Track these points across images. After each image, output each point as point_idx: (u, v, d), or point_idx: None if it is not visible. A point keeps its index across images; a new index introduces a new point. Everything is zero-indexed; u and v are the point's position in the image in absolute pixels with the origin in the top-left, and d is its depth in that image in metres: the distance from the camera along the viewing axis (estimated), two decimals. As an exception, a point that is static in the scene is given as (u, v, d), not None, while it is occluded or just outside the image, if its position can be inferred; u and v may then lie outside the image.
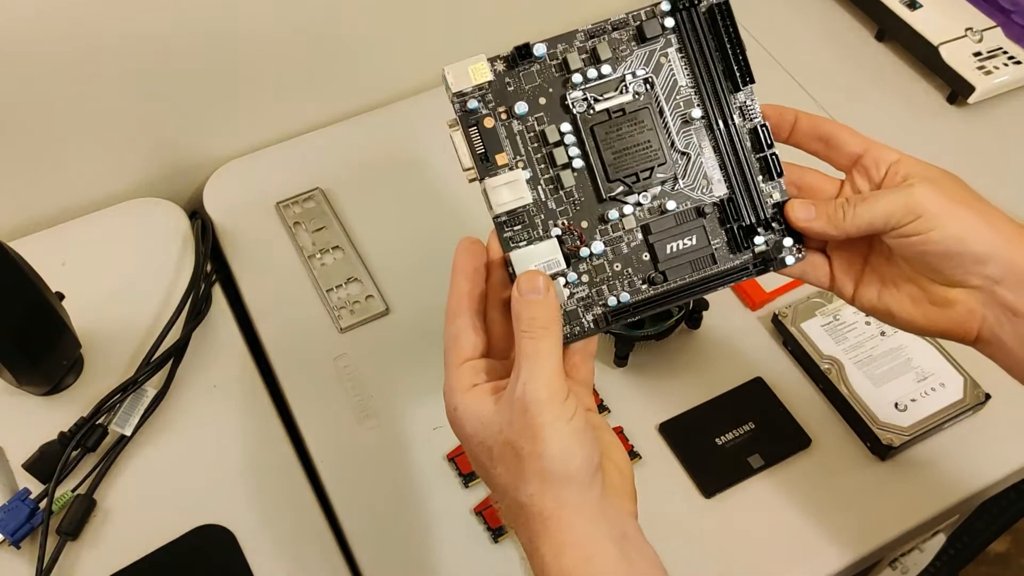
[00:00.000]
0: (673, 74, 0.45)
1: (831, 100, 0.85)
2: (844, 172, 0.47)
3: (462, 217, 0.77)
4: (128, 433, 0.63)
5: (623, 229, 0.45)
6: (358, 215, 0.77)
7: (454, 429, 0.43)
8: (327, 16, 0.77)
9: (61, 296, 0.64)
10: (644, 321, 0.64)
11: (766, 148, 0.45)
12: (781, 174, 0.46)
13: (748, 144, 0.46)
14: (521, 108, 0.44)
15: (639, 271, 0.45)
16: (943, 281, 0.44)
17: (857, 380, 0.64)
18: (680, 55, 0.45)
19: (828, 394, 0.65)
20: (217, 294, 0.73)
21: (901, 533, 0.60)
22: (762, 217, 0.46)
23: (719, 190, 0.46)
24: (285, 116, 0.83)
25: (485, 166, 0.44)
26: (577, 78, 0.44)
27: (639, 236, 0.45)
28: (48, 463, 0.61)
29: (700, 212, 0.45)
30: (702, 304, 0.67)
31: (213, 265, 0.75)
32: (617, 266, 0.45)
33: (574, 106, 0.44)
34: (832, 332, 0.66)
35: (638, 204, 0.45)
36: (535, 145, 0.44)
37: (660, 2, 0.45)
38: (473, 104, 0.43)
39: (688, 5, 0.45)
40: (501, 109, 0.44)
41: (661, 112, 0.45)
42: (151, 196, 0.79)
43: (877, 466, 0.62)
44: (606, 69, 0.44)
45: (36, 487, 0.61)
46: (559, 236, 0.44)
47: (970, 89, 0.82)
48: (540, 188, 0.44)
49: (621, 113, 0.44)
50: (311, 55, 0.80)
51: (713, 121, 0.45)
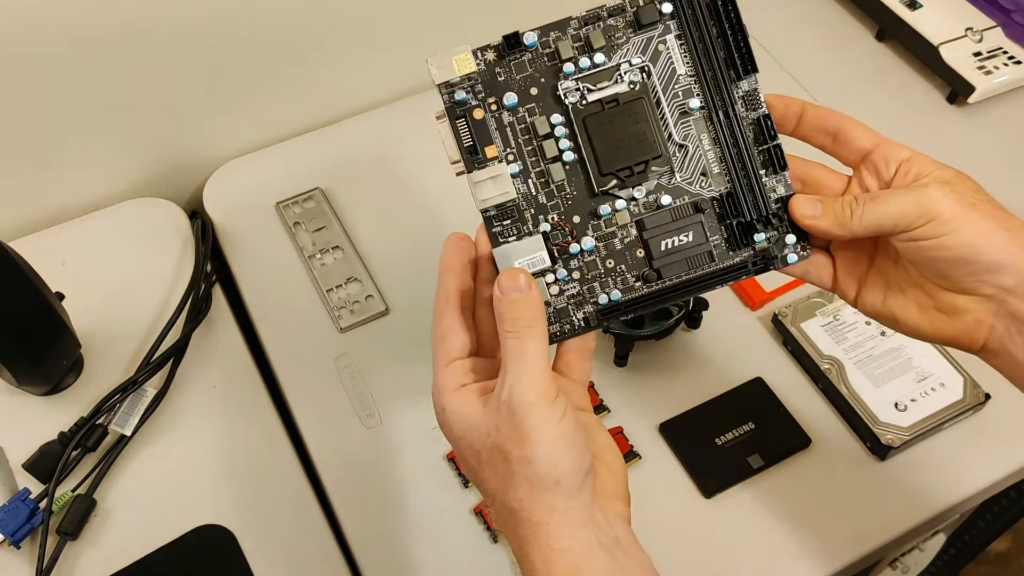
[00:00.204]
0: (671, 62, 0.43)
1: (831, 100, 0.84)
2: (852, 168, 0.46)
3: (463, 216, 0.76)
4: (128, 433, 0.63)
5: (616, 225, 0.44)
6: (358, 215, 0.77)
7: (443, 430, 0.42)
8: (327, 15, 0.77)
9: (61, 296, 0.64)
10: (644, 321, 0.64)
11: (769, 140, 0.43)
12: (785, 167, 0.44)
13: (750, 136, 0.44)
14: (510, 99, 0.43)
15: (632, 268, 0.44)
16: (953, 288, 0.42)
17: (857, 380, 0.64)
18: (679, 42, 0.43)
19: (828, 394, 0.65)
20: (217, 294, 0.73)
21: (901, 533, 0.60)
22: (764, 213, 0.44)
23: (719, 184, 0.44)
24: (285, 116, 0.83)
25: (473, 159, 0.43)
26: (569, 67, 0.43)
27: (633, 232, 0.44)
28: (48, 463, 0.61)
29: (698, 207, 0.44)
30: (702, 304, 0.67)
31: (213, 265, 0.75)
32: (610, 263, 0.44)
33: (566, 96, 0.43)
34: (832, 332, 0.66)
35: (632, 199, 0.44)
36: (526, 137, 0.43)
37: None
38: (461, 95, 0.42)
39: None
40: (491, 100, 0.43)
41: (658, 102, 0.43)
42: (151, 196, 0.79)
43: (877, 466, 0.62)
44: (599, 58, 0.43)
45: (36, 487, 0.61)
46: (549, 232, 0.43)
47: (970, 89, 0.82)
48: (531, 182, 0.43)
49: (615, 103, 0.43)
50: (311, 55, 0.80)
51: (713, 112, 0.43)
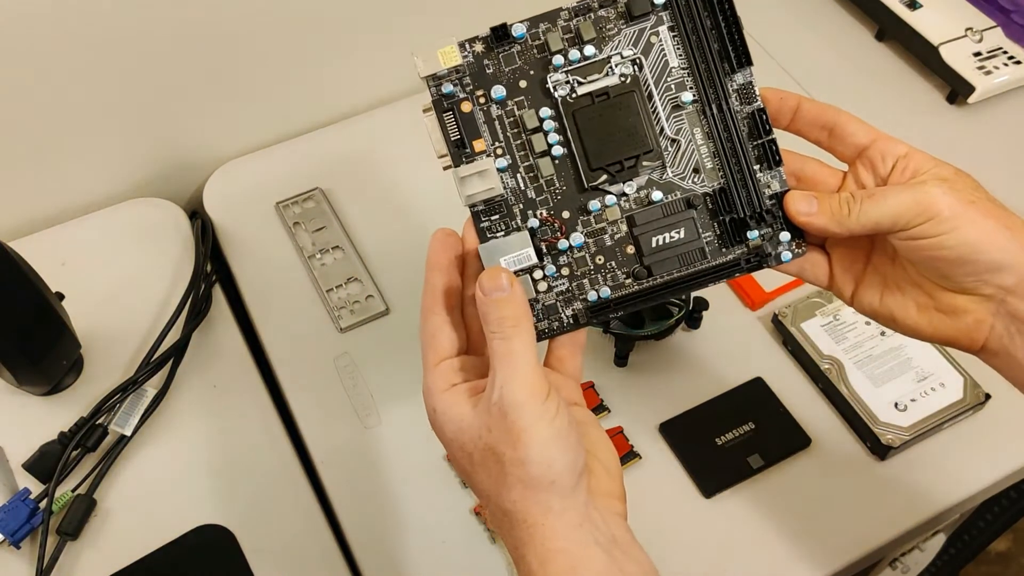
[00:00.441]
0: (664, 54, 0.42)
1: (831, 100, 0.84)
2: (848, 164, 0.45)
3: (463, 215, 0.76)
4: (128, 433, 0.63)
5: (606, 220, 0.43)
6: (358, 215, 0.77)
7: (435, 431, 0.42)
8: (327, 16, 0.77)
9: (61, 296, 0.64)
10: (644, 321, 0.64)
11: (763, 135, 0.42)
12: (780, 163, 0.43)
13: (745, 131, 0.43)
14: (498, 92, 0.42)
15: (623, 265, 0.43)
16: (952, 288, 0.42)
17: (857, 380, 0.64)
18: (672, 34, 0.42)
19: (828, 394, 0.65)
20: (217, 294, 0.73)
21: (901, 533, 0.60)
22: (758, 209, 0.43)
23: (712, 180, 0.43)
24: (285, 116, 0.83)
25: (460, 152, 0.42)
26: (558, 60, 0.42)
27: (623, 228, 0.43)
28: (48, 463, 0.61)
29: (690, 203, 0.43)
30: (702, 304, 0.67)
31: (213, 265, 0.75)
32: (600, 259, 0.43)
33: (555, 90, 0.42)
34: (832, 332, 0.66)
35: (623, 194, 0.43)
36: (515, 131, 0.42)
37: None
38: (449, 88, 0.42)
39: None
40: (480, 93, 0.42)
41: (650, 96, 0.42)
42: (151, 196, 0.79)
43: (877, 466, 0.62)
44: (589, 50, 0.42)
45: (36, 487, 0.61)
46: (537, 227, 0.43)
47: (970, 89, 0.82)
48: (519, 176, 0.43)
49: (605, 97, 0.42)
50: (311, 55, 0.80)
51: (706, 105, 0.42)
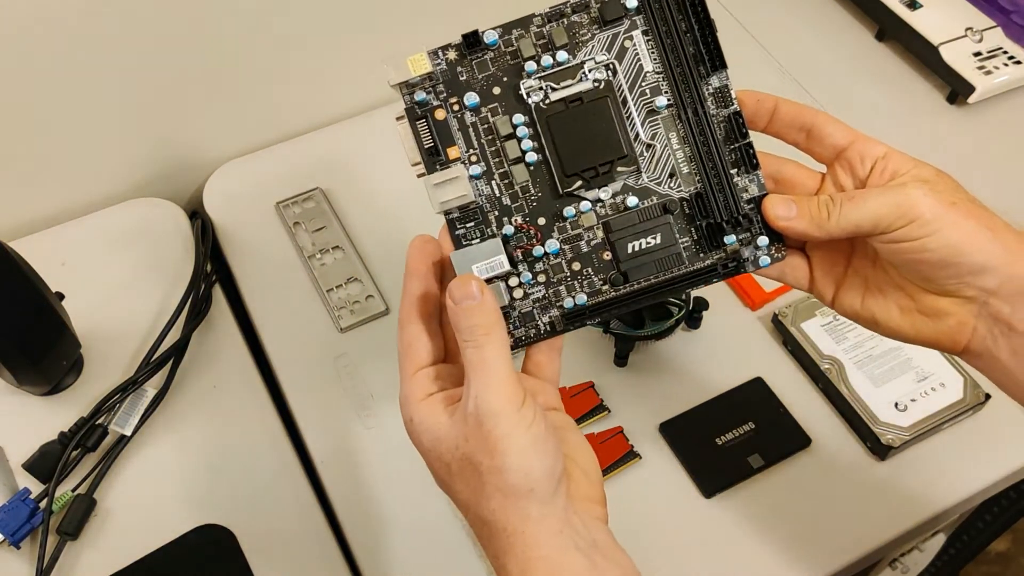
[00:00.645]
0: (638, 59, 0.42)
1: (831, 100, 0.85)
2: (826, 165, 0.44)
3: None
4: (128, 433, 0.63)
5: (582, 227, 0.43)
6: (358, 215, 0.77)
7: (412, 441, 0.41)
8: (327, 16, 0.77)
9: (61, 296, 0.64)
10: (644, 321, 0.64)
11: (740, 139, 0.42)
12: (757, 167, 0.42)
13: (721, 134, 0.42)
14: (471, 99, 0.42)
15: (599, 271, 0.43)
16: (934, 290, 0.41)
17: (857, 380, 0.64)
18: (646, 38, 0.42)
19: (828, 394, 0.65)
20: (217, 294, 0.73)
21: (901, 533, 0.60)
22: (735, 214, 0.42)
23: (688, 185, 0.43)
24: (285, 116, 0.83)
25: (435, 160, 0.42)
26: (531, 66, 0.42)
27: (600, 234, 0.43)
28: (48, 463, 0.61)
29: (666, 208, 0.43)
30: (702, 304, 0.67)
31: (213, 265, 0.75)
32: (576, 266, 0.43)
33: (529, 96, 0.42)
34: (832, 332, 0.66)
35: (598, 200, 0.42)
36: (489, 138, 0.42)
37: None
38: (422, 96, 0.42)
39: None
40: (453, 100, 0.42)
41: (624, 101, 0.42)
42: (151, 196, 0.79)
43: (877, 466, 0.62)
44: (562, 56, 0.42)
45: (36, 487, 0.61)
46: (512, 234, 0.42)
47: (970, 89, 0.82)
48: (494, 183, 0.42)
49: (579, 102, 0.42)
50: (311, 55, 0.80)
51: (681, 109, 0.42)
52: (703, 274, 0.43)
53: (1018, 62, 0.83)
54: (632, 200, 0.43)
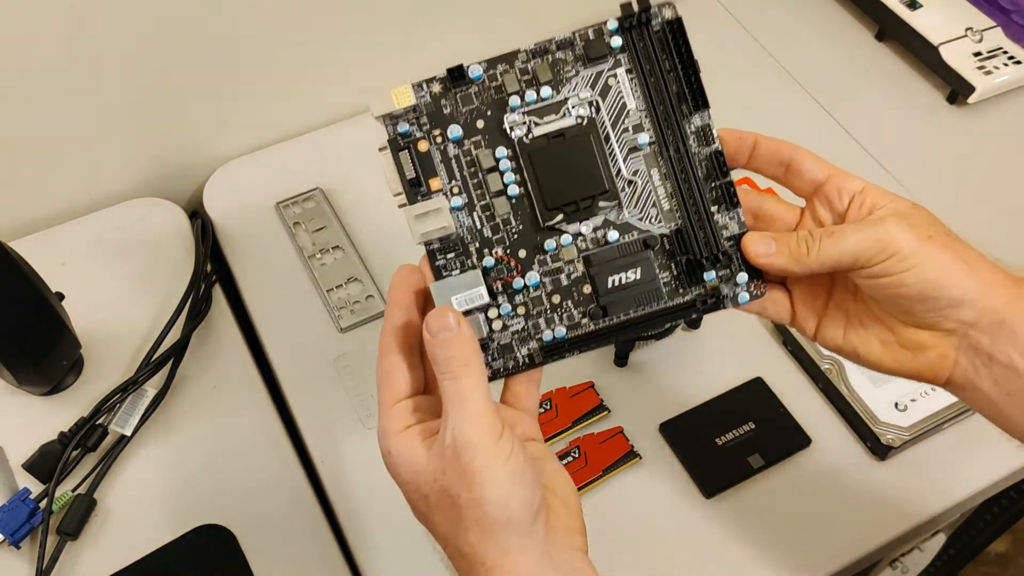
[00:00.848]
0: (622, 96, 0.43)
1: (831, 100, 0.85)
2: (805, 199, 0.45)
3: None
4: (128, 433, 0.63)
5: (563, 260, 0.43)
6: (358, 215, 0.77)
7: (390, 473, 0.41)
8: (327, 16, 0.77)
9: (61, 296, 0.64)
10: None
11: (720, 177, 0.43)
12: (738, 204, 0.43)
13: (702, 172, 0.43)
14: (455, 132, 0.42)
15: (579, 304, 0.43)
16: (914, 323, 0.42)
17: (857, 380, 0.64)
18: (630, 76, 0.42)
19: (828, 394, 0.65)
20: (217, 294, 0.73)
21: (901, 533, 0.60)
22: (715, 251, 0.43)
23: (669, 221, 0.43)
24: (285, 116, 0.83)
25: (416, 191, 0.42)
26: (515, 101, 0.42)
27: (580, 267, 0.43)
28: (48, 463, 0.61)
29: (647, 244, 0.43)
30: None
31: (213, 265, 0.75)
32: (556, 298, 0.43)
33: (512, 130, 0.42)
34: (832, 332, 0.66)
35: (579, 234, 0.43)
36: (471, 170, 0.42)
37: (607, 20, 0.42)
38: (405, 127, 0.42)
39: (638, 24, 0.42)
40: (436, 132, 0.42)
41: (607, 137, 0.43)
42: (151, 196, 0.79)
43: (877, 466, 0.62)
44: (546, 92, 0.42)
45: (36, 487, 0.61)
46: (492, 266, 0.42)
47: (970, 89, 0.82)
48: (475, 215, 0.42)
49: (561, 137, 0.42)
50: (311, 55, 0.80)
51: (663, 147, 0.43)
52: (682, 310, 0.43)
53: (1018, 62, 0.83)
54: (613, 235, 0.43)
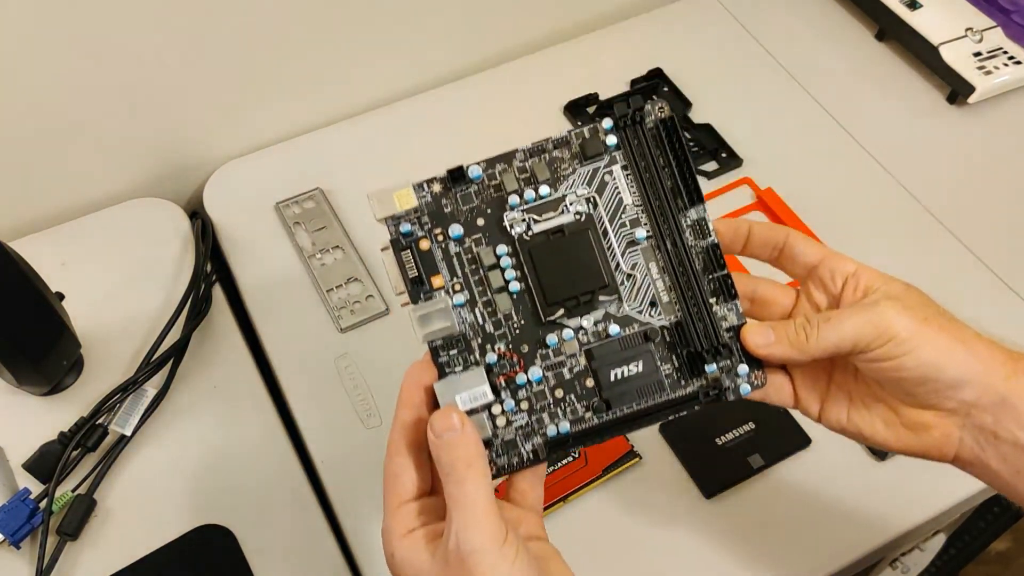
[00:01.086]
0: (618, 192, 0.43)
1: (831, 100, 0.85)
2: (799, 282, 0.45)
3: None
4: (128, 433, 0.63)
5: (565, 354, 0.43)
6: (358, 215, 0.77)
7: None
8: (327, 16, 0.78)
9: (61, 296, 0.64)
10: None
11: (718, 269, 0.43)
12: (735, 296, 0.43)
13: (700, 265, 0.43)
14: (456, 231, 0.42)
15: (582, 398, 0.43)
16: (916, 404, 0.42)
17: (857, 380, 0.64)
18: (625, 172, 0.43)
19: (828, 394, 0.65)
20: (217, 294, 0.73)
21: (901, 533, 0.60)
22: (715, 343, 0.43)
23: (669, 313, 0.43)
24: (285, 116, 0.83)
25: (418, 290, 0.42)
26: (514, 199, 0.43)
27: (582, 361, 0.43)
28: (48, 463, 0.61)
29: (647, 337, 0.43)
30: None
31: (213, 265, 0.75)
32: (559, 393, 0.43)
33: (512, 227, 0.43)
34: (832, 332, 0.66)
35: (580, 328, 0.43)
36: (472, 267, 0.43)
37: (602, 120, 0.43)
38: (407, 227, 0.42)
39: (632, 122, 0.43)
40: (438, 231, 0.42)
41: (605, 232, 0.43)
42: (151, 196, 0.79)
43: (877, 466, 0.62)
44: (544, 189, 0.43)
45: (36, 487, 0.61)
46: (495, 362, 0.43)
47: (970, 89, 0.82)
48: (477, 311, 0.43)
49: (561, 234, 0.43)
50: (311, 55, 0.80)
51: (660, 241, 0.43)
52: (685, 402, 0.43)
53: (1018, 62, 0.83)
54: (614, 328, 0.43)
